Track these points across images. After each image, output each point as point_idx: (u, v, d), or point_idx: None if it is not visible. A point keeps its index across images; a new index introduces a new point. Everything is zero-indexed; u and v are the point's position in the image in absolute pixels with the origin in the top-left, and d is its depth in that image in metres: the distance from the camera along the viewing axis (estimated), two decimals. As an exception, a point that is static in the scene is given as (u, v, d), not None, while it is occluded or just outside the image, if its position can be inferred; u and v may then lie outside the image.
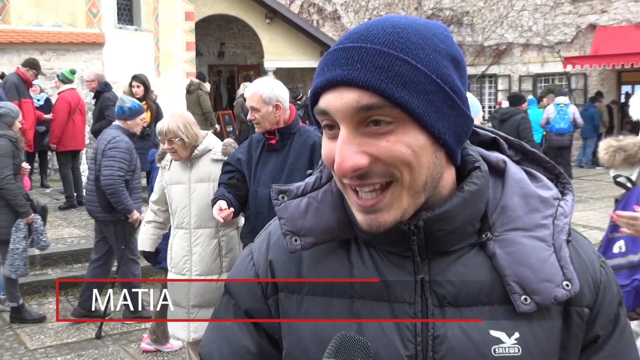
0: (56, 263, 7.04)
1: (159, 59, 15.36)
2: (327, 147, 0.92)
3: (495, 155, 1.03)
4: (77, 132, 9.29)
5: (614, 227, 3.64)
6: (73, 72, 9.82)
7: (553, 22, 20.05)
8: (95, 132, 8.78)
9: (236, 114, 14.71)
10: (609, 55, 17.40)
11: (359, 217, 0.92)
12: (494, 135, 1.06)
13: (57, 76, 9.90)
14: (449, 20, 21.25)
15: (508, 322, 0.93)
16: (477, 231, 0.98)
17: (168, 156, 4.23)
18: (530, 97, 16.00)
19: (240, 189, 3.71)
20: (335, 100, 0.86)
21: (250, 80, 13.81)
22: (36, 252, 6.94)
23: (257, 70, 22.65)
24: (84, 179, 10.20)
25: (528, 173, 1.02)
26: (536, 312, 0.93)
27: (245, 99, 15.41)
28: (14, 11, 12.43)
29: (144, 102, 10.09)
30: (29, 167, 6.33)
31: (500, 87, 21.11)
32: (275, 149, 3.67)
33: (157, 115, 8.71)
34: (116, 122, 5.67)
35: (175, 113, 4.17)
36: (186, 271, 4.04)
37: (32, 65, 9.16)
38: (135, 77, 8.68)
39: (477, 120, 4.06)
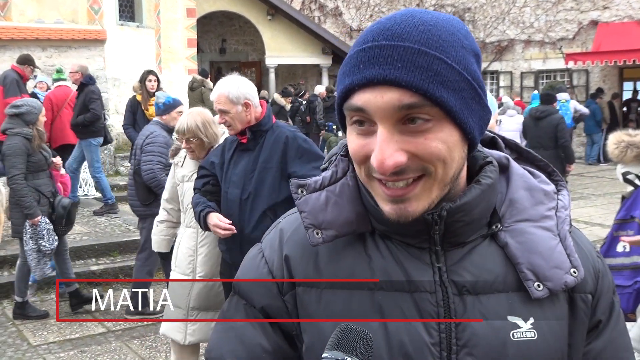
0: (58, 259, 7.04)
1: (161, 56, 15.36)
2: (357, 143, 0.92)
3: (497, 153, 1.07)
4: (64, 128, 9.21)
5: (619, 226, 3.59)
6: (59, 71, 9.84)
7: (555, 18, 20.02)
8: (75, 125, 8.76)
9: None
10: (611, 51, 17.38)
11: (386, 207, 0.93)
12: (492, 135, 1.11)
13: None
14: (451, 16, 21.21)
15: (523, 308, 0.98)
16: (487, 223, 1.02)
17: (182, 152, 4.14)
18: (535, 92, 15.99)
19: (217, 194, 3.58)
20: (375, 99, 0.87)
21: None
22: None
23: (259, 67, 22.64)
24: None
25: (526, 170, 1.07)
26: (547, 298, 0.98)
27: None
28: (16, 8, 12.43)
29: (152, 99, 10.13)
30: (60, 160, 6.31)
31: (502, 83, 21.09)
32: (247, 148, 3.50)
33: None
34: (155, 118, 5.77)
35: (194, 111, 4.02)
36: (190, 272, 3.93)
37: (28, 61, 9.18)
38: (150, 72, 8.87)
39: (493, 119, 4.05)
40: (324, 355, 0.86)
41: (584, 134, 17.94)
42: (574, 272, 0.98)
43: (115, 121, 12.89)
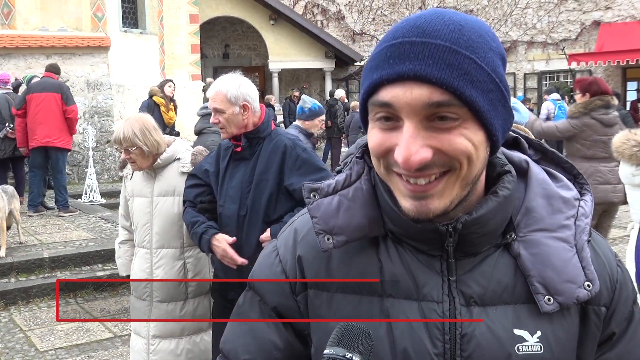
0: (65, 266, 7.08)
1: (164, 62, 15.42)
2: (379, 137, 0.90)
3: (517, 155, 1.04)
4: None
5: None
6: (25, 77, 10.06)
7: (557, 19, 20.02)
8: None
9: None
10: (614, 51, 17.38)
11: (407, 203, 0.91)
12: (515, 135, 1.07)
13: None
14: (453, 19, 21.23)
15: (530, 321, 0.96)
16: (501, 232, 0.99)
17: None
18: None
19: (214, 211, 3.21)
20: (403, 95, 0.85)
21: None
22: (45, 255, 6.99)
23: (262, 72, 22.69)
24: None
25: (548, 173, 1.03)
26: (558, 311, 0.96)
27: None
28: (20, 16, 12.51)
29: (171, 104, 10.27)
30: None
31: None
32: (243, 157, 3.14)
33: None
34: (296, 122, 5.65)
35: (132, 117, 3.53)
36: (146, 296, 3.54)
37: (55, 69, 9.41)
38: (169, 80, 9.29)
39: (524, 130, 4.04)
40: (325, 351, 0.86)
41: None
42: (588, 285, 0.95)
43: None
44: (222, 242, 3.05)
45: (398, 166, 0.88)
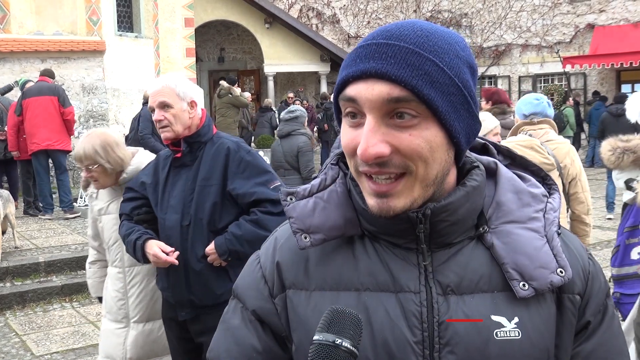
0: (60, 270, 7.07)
1: (160, 66, 15.42)
2: (348, 135, 0.97)
3: (486, 158, 1.10)
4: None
5: (630, 233, 3.51)
6: (17, 81, 10.06)
7: (551, 22, 20.10)
8: None
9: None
10: (608, 54, 17.45)
11: (371, 201, 0.97)
12: (484, 141, 1.14)
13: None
14: (448, 22, 21.31)
15: (508, 308, 0.99)
16: (474, 226, 1.05)
17: None
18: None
19: (153, 222, 3.01)
20: (365, 91, 0.92)
21: (232, 82, 14.26)
22: (40, 259, 6.99)
23: (257, 75, 22.71)
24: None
25: (517, 175, 1.10)
26: (533, 298, 1.00)
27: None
28: (15, 20, 12.50)
29: None
30: None
31: (499, 87, 21.11)
32: (184, 164, 2.92)
33: None
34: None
35: (94, 132, 3.29)
36: (123, 318, 3.31)
37: (49, 74, 9.48)
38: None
39: (493, 136, 4.09)
40: (314, 337, 0.88)
41: (590, 137, 17.91)
42: (561, 272, 0.99)
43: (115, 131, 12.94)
44: (154, 246, 2.84)
45: (363, 164, 0.94)
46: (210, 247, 2.85)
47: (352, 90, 0.94)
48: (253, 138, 16.04)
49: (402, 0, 22.30)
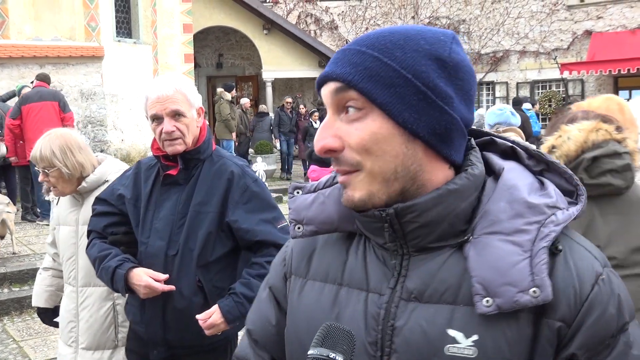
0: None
1: (158, 71, 15.42)
2: None
3: (499, 163, 1.04)
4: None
5: None
6: (17, 87, 10.11)
7: (549, 28, 20.17)
8: None
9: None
10: (606, 60, 17.51)
11: (343, 193, 1.02)
12: (512, 144, 1.07)
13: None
14: (446, 28, 21.34)
15: (468, 323, 0.94)
16: (462, 232, 1.00)
17: None
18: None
19: (132, 245, 2.57)
20: (324, 91, 1.01)
21: (229, 89, 14.59)
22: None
23: (256, 81, 22.73)
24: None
25: (541, 182, 1.02)
26: (502, 317, 0.92)
27: (243, 109, 15.72)
28: (13, 26, 12.50)
29: None
30: None
31: (497, 94, 21.19)
32: (175, 182, 2.50)
33: None
34: None
35: (55, 133, 2.92)
36: (72, 342, 2.95)
37: (46, 79, 9.50)
38: None
39: (515, 135, 4.09)
40: (310, 352, 0.92)
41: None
42: (534, 292, 0.90)
43: (113, 137, 12.94)
44: (144, 275, 2.39)
45: (332, 161, 1.01)
46: (216, 316, 2.37)
47: (322, 92, 1.03)
48: (251, 144, 16.05)
49: (400, 6, 22.38)
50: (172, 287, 2.40)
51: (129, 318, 2.69)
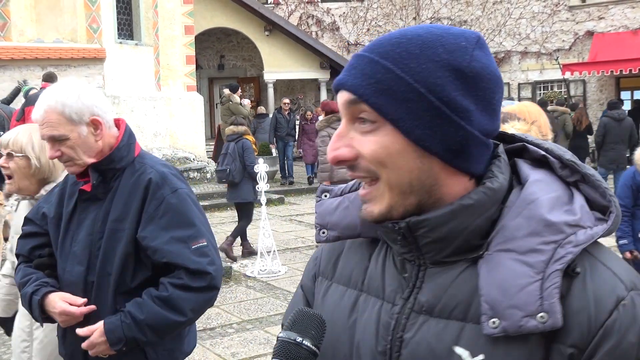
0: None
1: (160, 73, 15.45)
2: None
3: (527, 173, 0.98)
4: None
5: None
6: (23, 89, 10.14)
7: (551, 29, 20.16)
8: None
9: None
10: (607, 61, 17.47)
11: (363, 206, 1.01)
12: (543, 153, 0.99)
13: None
14: (447, 29, 21.38)
15: (475, 342, 0.91)
16: (478, 247, 0.96)
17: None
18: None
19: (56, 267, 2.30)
20: (339, 99, 0.98)
21: (234, 89, 14.37)
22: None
23: (257, 82, 22.75)
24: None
25: (572, 196, 0.96)
26: (511, 338, 0.89)
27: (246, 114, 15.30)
28: (15, 28, 12.53)
29: None
30: None
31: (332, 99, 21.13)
32: (94, 197, 2.18)
33: None
34: None
35: (35, 126, 2.39)
36: None
37: (51, 78, 9.44)
38: None
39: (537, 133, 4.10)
40: (279, 334, 0.94)
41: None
42: (542, 317, 0.86)
43: (115, 138, 12.93)
44: (59, 301, 2.11)
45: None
46: (98, 333, 2.06)
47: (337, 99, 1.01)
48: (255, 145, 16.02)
49: (402, 7, 22.38)
50: (92, 308, 2.12)
51: (61, 353, 2.36)
